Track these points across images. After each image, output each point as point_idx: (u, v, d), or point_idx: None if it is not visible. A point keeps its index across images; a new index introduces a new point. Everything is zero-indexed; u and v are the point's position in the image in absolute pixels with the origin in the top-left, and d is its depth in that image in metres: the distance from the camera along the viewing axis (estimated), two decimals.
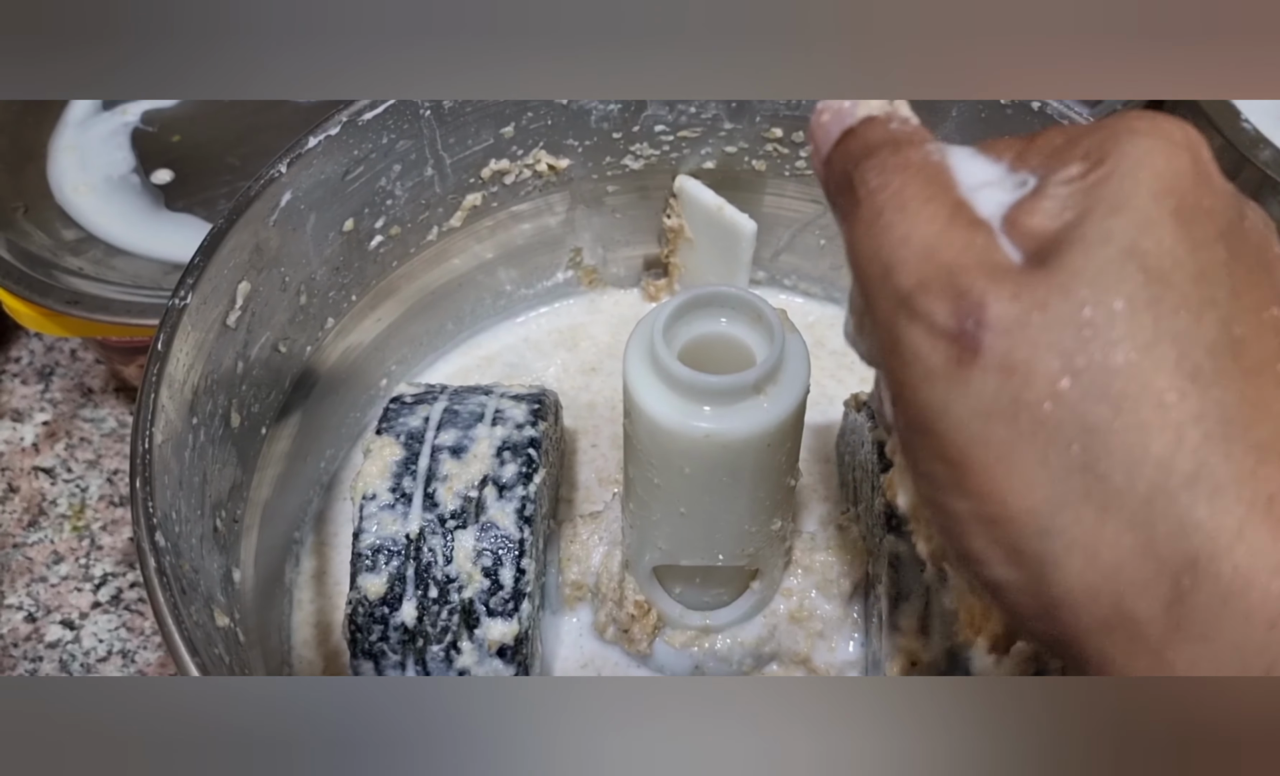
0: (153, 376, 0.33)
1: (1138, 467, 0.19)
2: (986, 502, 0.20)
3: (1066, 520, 0.19)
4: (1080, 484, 0.19)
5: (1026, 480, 0.20)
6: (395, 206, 0.44)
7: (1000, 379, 0.20)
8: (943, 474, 0.21)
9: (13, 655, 0.48)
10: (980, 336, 0.20)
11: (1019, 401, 0.20)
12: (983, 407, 0.20)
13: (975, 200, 0.22)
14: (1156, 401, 0.19)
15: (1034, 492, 0.20)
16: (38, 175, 0.53)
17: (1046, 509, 0.20)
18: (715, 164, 0.48)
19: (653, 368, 0.33)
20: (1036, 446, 0.19)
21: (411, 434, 0.40)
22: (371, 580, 0.38)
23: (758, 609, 0.40)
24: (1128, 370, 0.19)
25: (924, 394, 0.21)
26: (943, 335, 0.20)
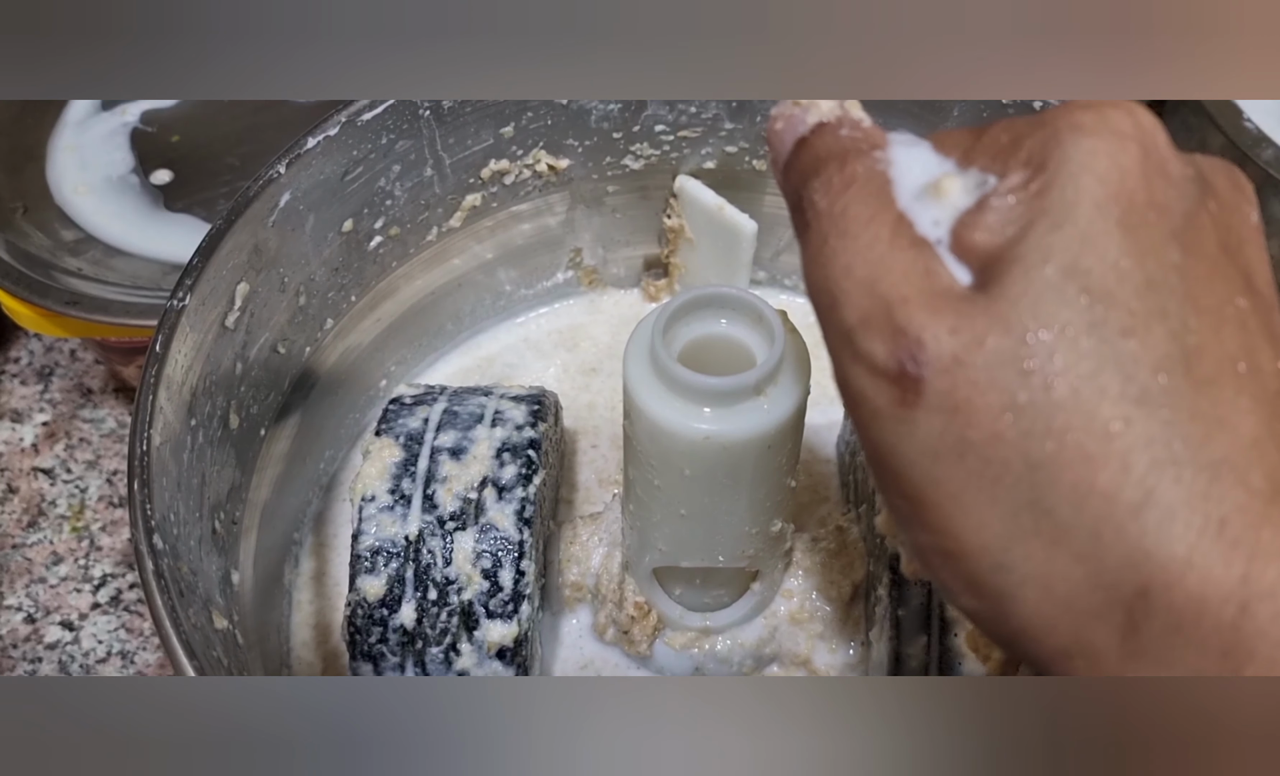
0: (151, 378, 0.33)
1: (1084, 501, 0.19)
2: (943, 538, 0.20)
3: (1018, 555, 0.19)
4: (1029, 519, 0.19)
5: (978, 518, 0.20)
6: (394, 207, 0.44)
7: (944, 419, 0.20)
8: (903, 508, 0.21)
9: (12, 656, 0.48)
10: (921, 375, 0.20)
11: (964, 441, 0.19)
12: (930, 448, 0.20)
13: (919, 211, 0.22)
14: (1101, 432, 0.19)
15: (986, 530, 0.20)
16: (37, 175, 0.53)
17: (998, 544, 0.20)
18: (716, 164, 0.48)
19: (653, 369, 0.33)
20: (985, 484, 0.19)
21: (411, 435, 0.40)
22: (370, 582, 0.37)
23: (758, 610, 0.40)
24: (1070, 402, 0.19)
25: (874, 433, 0.21)
26: (884, 375, 0.20)
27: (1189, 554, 0.18)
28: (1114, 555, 0.19)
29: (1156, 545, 0.18)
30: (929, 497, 0.20)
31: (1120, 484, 0.19)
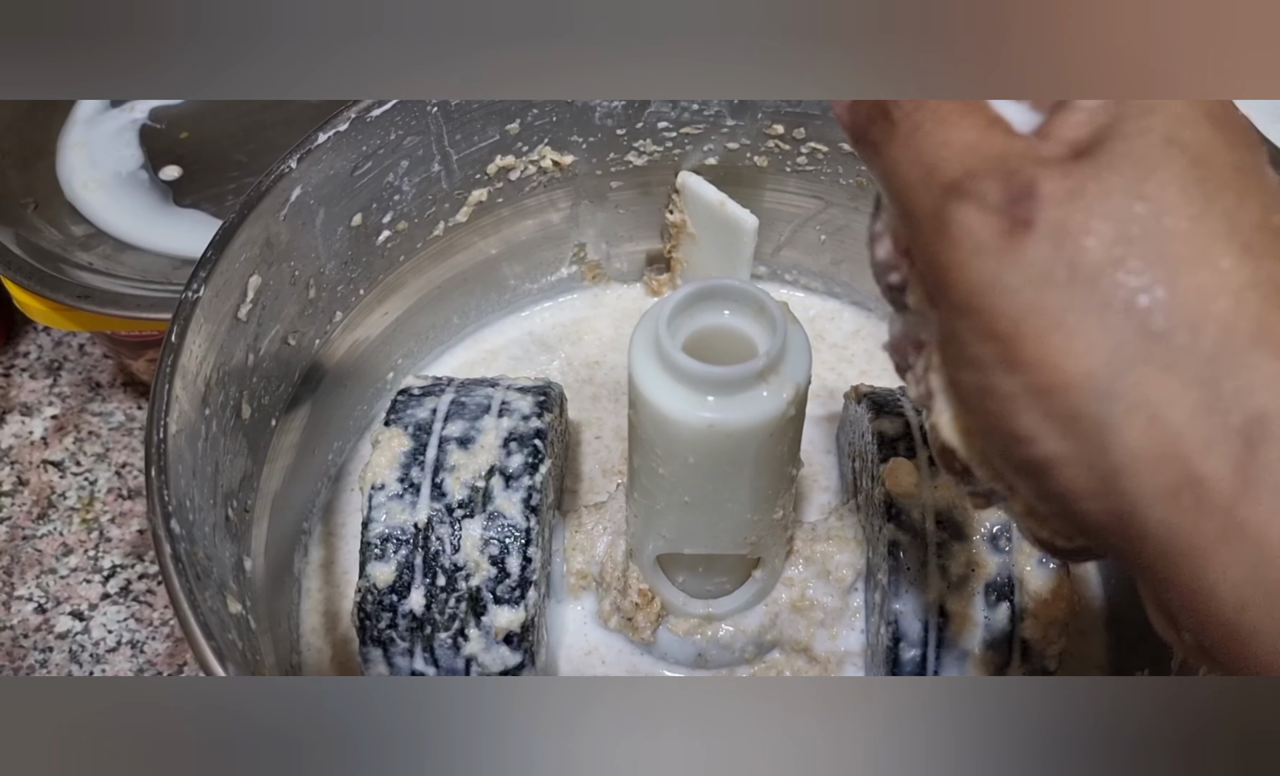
0: (167, 367, 0.34)
1: (1200, 326, 0.19)
2: (1041, 372, 0.20)
3: (1127, 382, 0.19)
4: (1140, 345, 0.19)
5: (1084, 344, 0.19)
6: (403, 202, 0.44)
7: (1054, 247, 0.19)
8: (991, 353, 0.20)
9: (23, 646, 0.49)
10: (1032, 208, 0.20)
11: (1074, 267, 0.19)
12: (1036, 274, 0.20)
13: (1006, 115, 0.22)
14: (1213, 266, 0.19)
15: (1092, 356, 0.19)
16: (47, 172, 0.53)
17: (1106, 372, 0.19)
18: (717, 160, 0.48)
19: (657, 359, 0.34)
20: (1093, 310, 0.19)
21: (419, 425, 0.40)
22: (380, 568, 0.38)
23: (759, 597, 0.41)
24: (1182, 236, 0.19)
25: (973, 270, 0.20)
26: (994, 210, 0.20)
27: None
28: (1230, 381, 0.19)
29: (1276, 372, 0.18)
30: (1029, 328, 0.20)
31: (1236, 314, 0.19)
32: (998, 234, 0.20)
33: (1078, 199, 0.20)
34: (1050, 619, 0.37)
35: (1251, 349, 0.19)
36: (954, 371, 0.22)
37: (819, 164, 0.48)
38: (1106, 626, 0.44)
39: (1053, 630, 0.37)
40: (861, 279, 0.52)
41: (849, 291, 0.53)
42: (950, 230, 0.21)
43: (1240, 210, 0.19)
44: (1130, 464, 0.19)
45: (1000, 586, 0.38)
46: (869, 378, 0.51)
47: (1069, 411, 0.20)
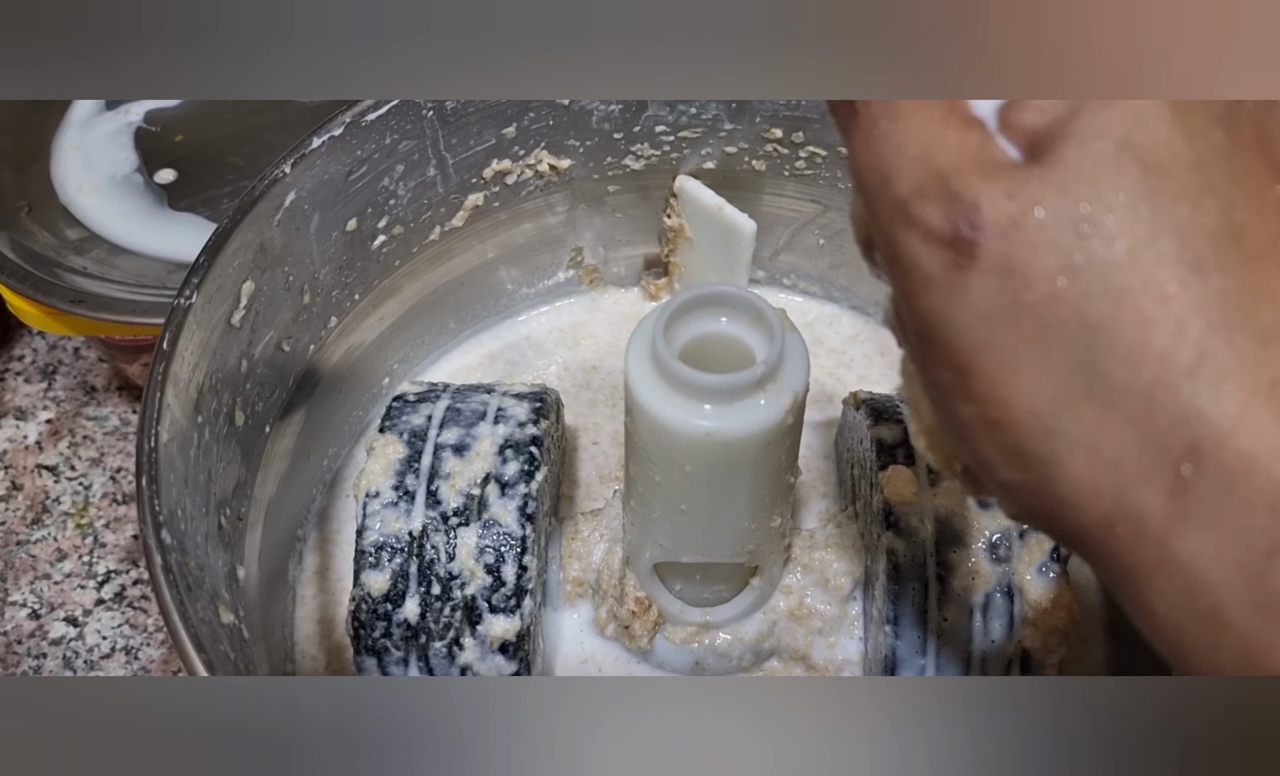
0: (158, 375, 0.34)
1: (1139, 362, 0.19)
2: (991, 407, 0.20)
3: (1069, 419, 0.19)
4: (1082, 382, 0.19)
5: (1029, 382, 0.20)
6: (398, 206, 0.44)
7: (999, 282, 0.20)
8: (949, 380, 0.21)
9: (16, 652, 0.49)
10: (976, 239, 0.20)
11: (1019, 303, 0.19)
12: (983, 312, 0.20)
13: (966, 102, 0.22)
14: (1158, 293, 0.19)
15: (1037, 394, 0.20)
16: (41, 175, 0.53)
17: (1049, 409, 0.20)
18: (715, 164, 0.48)
19: (654, 366, 0.34)
20: (1039, 348, 0.19)
21: (414, 432, 0.40)
22: (375, 577, 0.38)
23: (757, 605, 0.41)
24: (1127, 264, 0.19)
25: (925, 301, 0.21)
26: (938, 241, 0.20)
27: (1241, 412, 0.18)
28: (1166, 415, 0.19)
29: (1209, 404, 0.18)
30: (979, 364, 0.20)
31: (1176, 345, 0.19)
32: (943, 267, 0.20)
33: (1020, 229, 0.19)
34: (1050, 627, 0.37)
35: (1187, 381, 0.19)
36: (922, 382, 0.23)
37: (817, 168, 0.48)
38: (1107, 634, 0.43)
39: (1053, 639, 0.37)
40: (860, 283, 0.52)
41: (848, 295, 0.53)
42: (901, 258, 0.21)
43: (1195, 219, 0.19)
44: (1073, 497, 0.20)
45: (1000, 595, 0.37)
46: (868, 382, 0.51)
47: (1016, 446, 0.20)
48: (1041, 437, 0.20)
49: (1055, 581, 0.37)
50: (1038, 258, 0.19)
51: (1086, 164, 0.19)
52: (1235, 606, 0.19)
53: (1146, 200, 0.19)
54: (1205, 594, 0.19)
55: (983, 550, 0.38)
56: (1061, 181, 0.19)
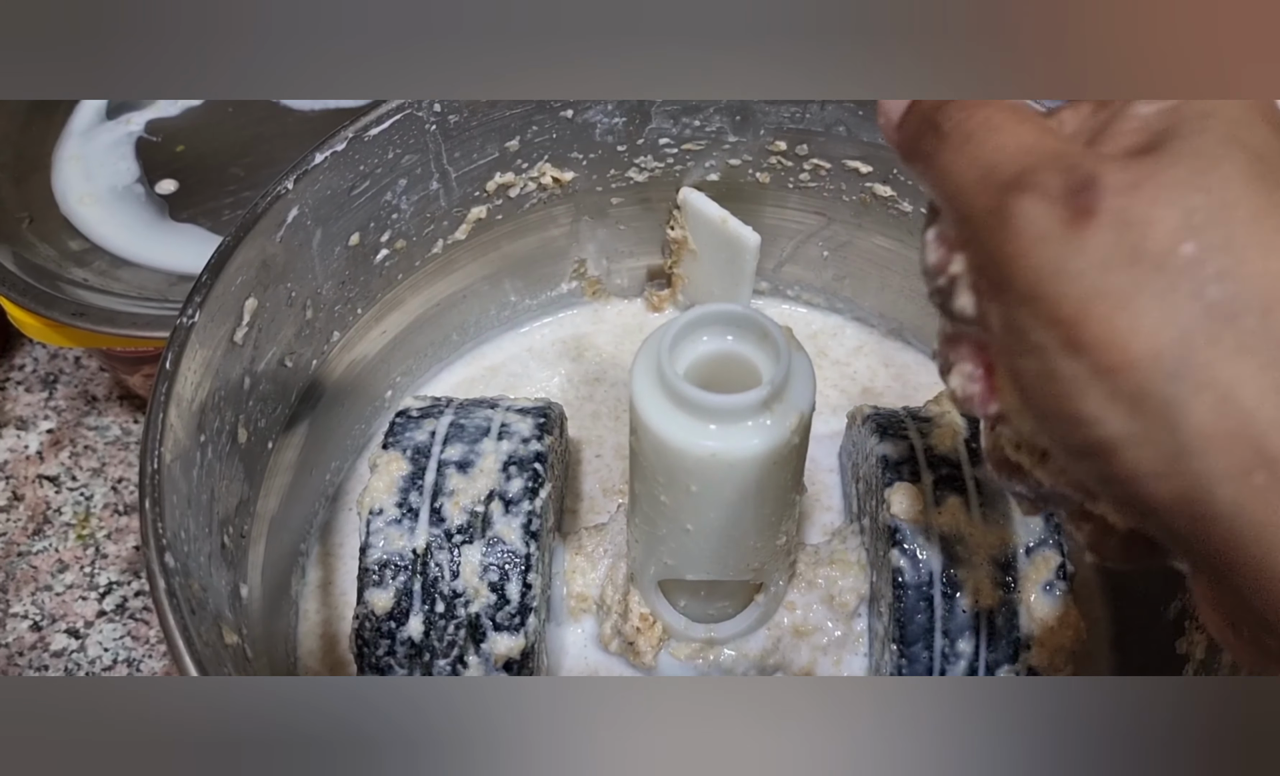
0: (161, 395, 0.33)
1: (1272, 310, 0.19)
2: (1106, 353, 0.20)
3: (1196, 362, 0.19)
4: (1209, 327, 0.19)
5: (1151, 324, 0.19)
6: (401, 220, 0.44)
7: (1118, 233, 0.20)
8: (1055, 337, 0.20)
9: (18, 664, 0.48)
10: (1095, 198, 0.20)
11: (1138, 252, 0.19)
12: (1100, 260, 0.20)
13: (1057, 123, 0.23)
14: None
15: (1159, 336, 0.19)
16: (42, 186, 0.53)
17: (1174, 352, 0.19)
18: (719, 176, 0.48)
19: (660, 386, 0.33)
20: (1160, 292, 0.19)
21: (418, 449, 0.40)
22: (378, 595, 0.38)
23: (762, 621, 0.41)
24: (1247, 224, 0.19)
25: (1036, 257, 0.20)
26: (1057, 199, 0.20)
27: None
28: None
29: None
30: (1094, 311, 0.20)
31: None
32: (1060, 222, 0.20)
33: (1140, 189, 0.20)
34: (1057, 646, 0.37)
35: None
36: (1015, 360, 0.22)
37: (821, 180, 0.47)
38: (1112, 649, 0.43)
39: (1059, 658, 0.37)
40: (864, 295, 0.52)
41: (851, 307, 0.52)
42: (1012, 221, 0.21)
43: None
44: (1200, 443, 0.19)
45: (1006, 614, 0.37)
46: (872, 394, 0.51)
47: (1135, 391, 0.20)
48: (1165, 379, 0.19)
49: (1062, 600, 0.37)
50: (1158, 213, 0.19)
51: (1196, 148, 0.20)
52: None
53: (1259, 178, 0.20)
54: None
55: (989, 569, 0.37)
56: (1175, 160, 0.20)
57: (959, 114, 0.22)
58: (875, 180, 0.46)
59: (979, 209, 0.22)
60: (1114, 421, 0.20)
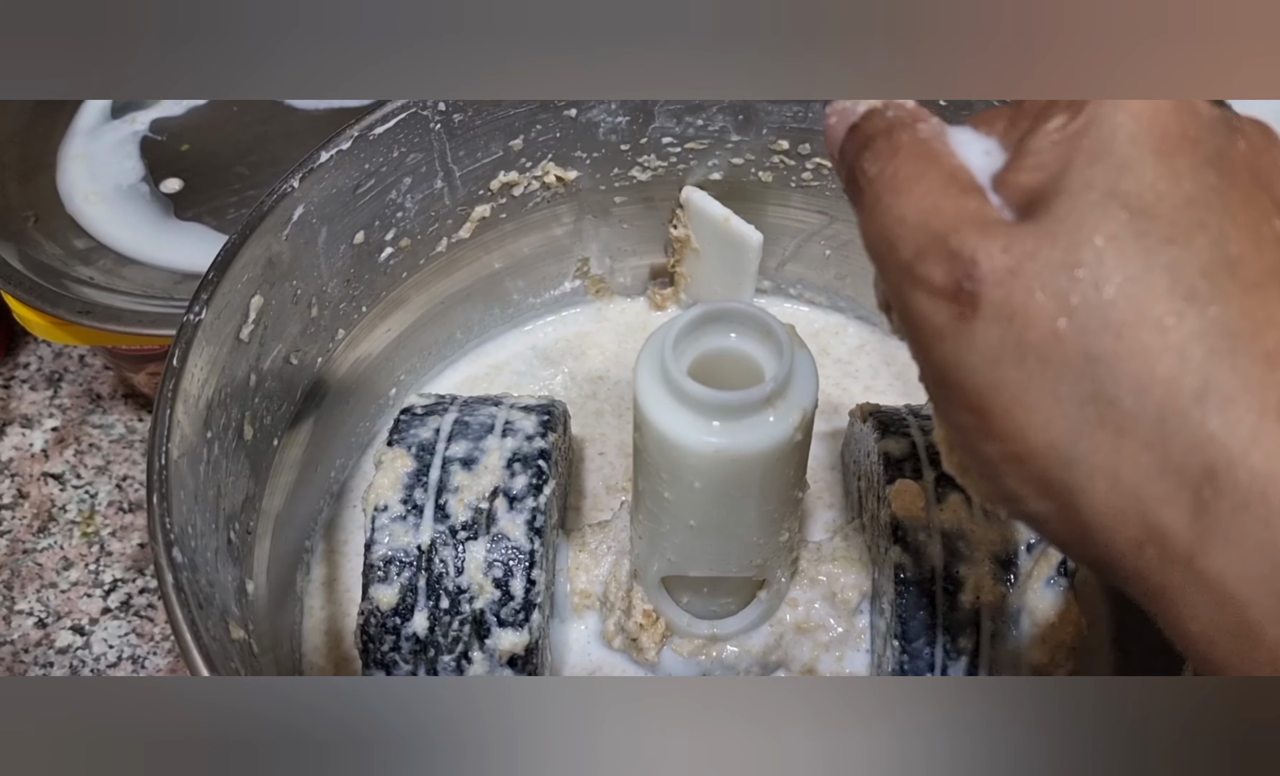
0: (168, 392, 0.34)
1: (1146, 390, 0.19)
2: (1010, 442, 0.21)
3: (1085, 448, 0.20)
4: (1094, 412, 0.20)
5: (1042, 416, 0.20)
6: (405, 219, 0.44)
7: (1002, 326, 0.21)
8: (969, 422, 0.22)
9: (23, 661, 0.49)
10: (977, 290, 0.21)
11: (1022, 343, 0.20)
12: (990, 355, 0.21)
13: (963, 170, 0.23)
14: (1155, 325, 0.19)
15: (1051, 426, 0.20)
16: (47, 185, 0.53)
17: (1065, 440, 0.20)
18: (722, 175, 0.48)
19: (663, 383, 0.34)
20: (1047, 383, 0.20)
21: (422, 445, 0.40)
22: (383, 591, 0.38)
23: (764, 618, 0.41)
24: (1123, 301, 0.20)
25: (936, 352, 0.22)
26: (943, 295, 0.21)
27: (1253, 433, 0.19)
28: (1179, 440, 0.19)
29: (1220, 427, 0.19)
30: (993, 404, 0.21)
31: (1179, 372, 0.19)
32: (950, 318, 0.21)
33: (1018, 276, 0.20)
34: (1058, 642, 0.37)
35: (1195, 406, 0.19)
36: (947, 428, 0.24)
37: (824, 179, 0.48)
38: (1113, 647, 0.43)
39: (1060, 653, 0.37)
40: (866, 293, 0.52)
41: (854, 306, 0.53)
42: (911, 315, 0.22)
43: (1186, 255, 0.20)
44: (1099, 522, 0.20)
45: (1007, 611, 0.37)
46: (874, 392, 0.51)
47: (1039, 478, 0.21)
48: (1062, 468, 0.20)
49: (1063, 596, 0.37)
50: (1035, 301, 0.20)
51: (1076, 214, 0.21)
52: (1264, 620, 0.19)
53: (1135, 240, 0.20)
54: (1234, 610, 0.19)
55: (990, 565, 0.38)
56: (1053, 231, 0.21)
57: (872, 168, 0.23)
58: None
59: (889, 287, 0.23)
60: (1031, 500, 0.22)
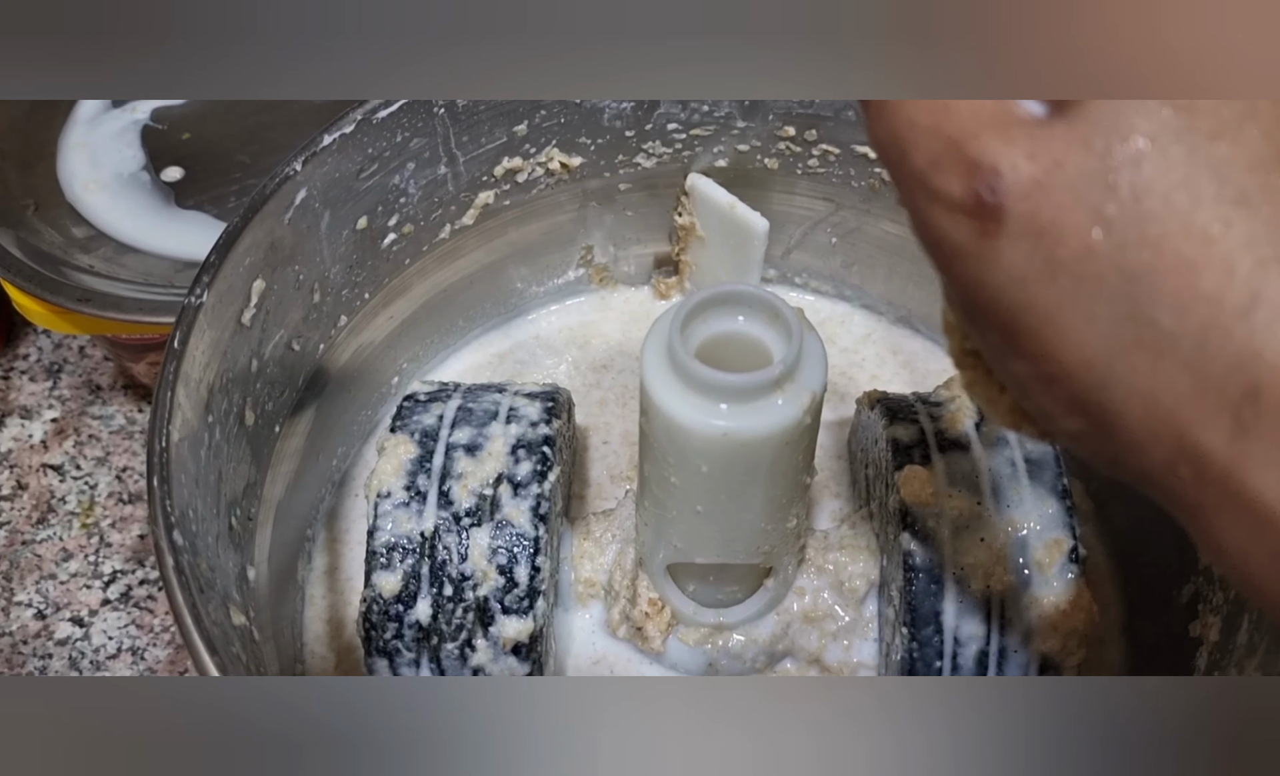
0: (169, 375, 0.33)
1: (1187, 307, 0.18)
2: (1042, 363, 0.20)
3: (1121, 369, 0.19)
4: (1130, 332, 0.19)
5: (1076, 336, 0.19)
6: (408, 204, 0.44)
7: (1030, 243, 0.19)
8: (996, 342, 0.21)
9: (22, 652, 0.48)
10: (1000, 204, 0.19)
11: (1053, 261, 0.19)
12: (1017, 274, 0.19)
13: None
14: (1200, 236, 0.18)
15: (1086, 346, 0.19)
16: (48, 173, 0.53)
17: (1100, 361, 0.19)
18: (727, 162, 0.48)
19: (670, 366, 0.33)
20: (1080, 301, 0.19)
21: (426, 432, 0.40)
22: (386, 578, 0.38)
23: (771, 606, 0.40)
24: (1163, 210, 0.18)
25: (958, 271, 0.20)
26: (962, 210, 0.20)
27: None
28: (1221, 359, 0.18)
29: (1266, 344, 0.18)
30: (1023, 324, 0.20)
31: (1224, 286, 0.18)
32: (971, 235, 0.20)
33: (1046, 188, 0.19)
34: (1069, 630, 0.37)
35: (1240, 323, 0.18)
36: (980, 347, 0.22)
37: (830, 166, 0.47)
38: (1123, 634, 0.43)
39: (1071, 641, 0.37)
40: (872, 282, 0.51)
41: (860, 295, 0.52)
42: (928, 231, 0.21)
43: (1235, 151, 0.18)
44: (1134, 442, 0.20)
45: (1017, 597, 0.37)
46: (880, 382, 0.51)
47: (1074, 398, 0.20)
48: (1096, 389, 0.19)
49: (1074, 583, 0.37)
50: (1067, 214, 0.19)
51: (1111, 110, 0.19)
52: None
53: (1178, 139, 0.19)
54: (1273, 531, 0.18)
55: (1000, 552, 0.37)
56: (1086, 134, 0.19)
57: None
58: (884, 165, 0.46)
59: (903, 199, 0.21)
60: (1065, 420, 0.21)
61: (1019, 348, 0.20)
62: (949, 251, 0.20)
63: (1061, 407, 0.20)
